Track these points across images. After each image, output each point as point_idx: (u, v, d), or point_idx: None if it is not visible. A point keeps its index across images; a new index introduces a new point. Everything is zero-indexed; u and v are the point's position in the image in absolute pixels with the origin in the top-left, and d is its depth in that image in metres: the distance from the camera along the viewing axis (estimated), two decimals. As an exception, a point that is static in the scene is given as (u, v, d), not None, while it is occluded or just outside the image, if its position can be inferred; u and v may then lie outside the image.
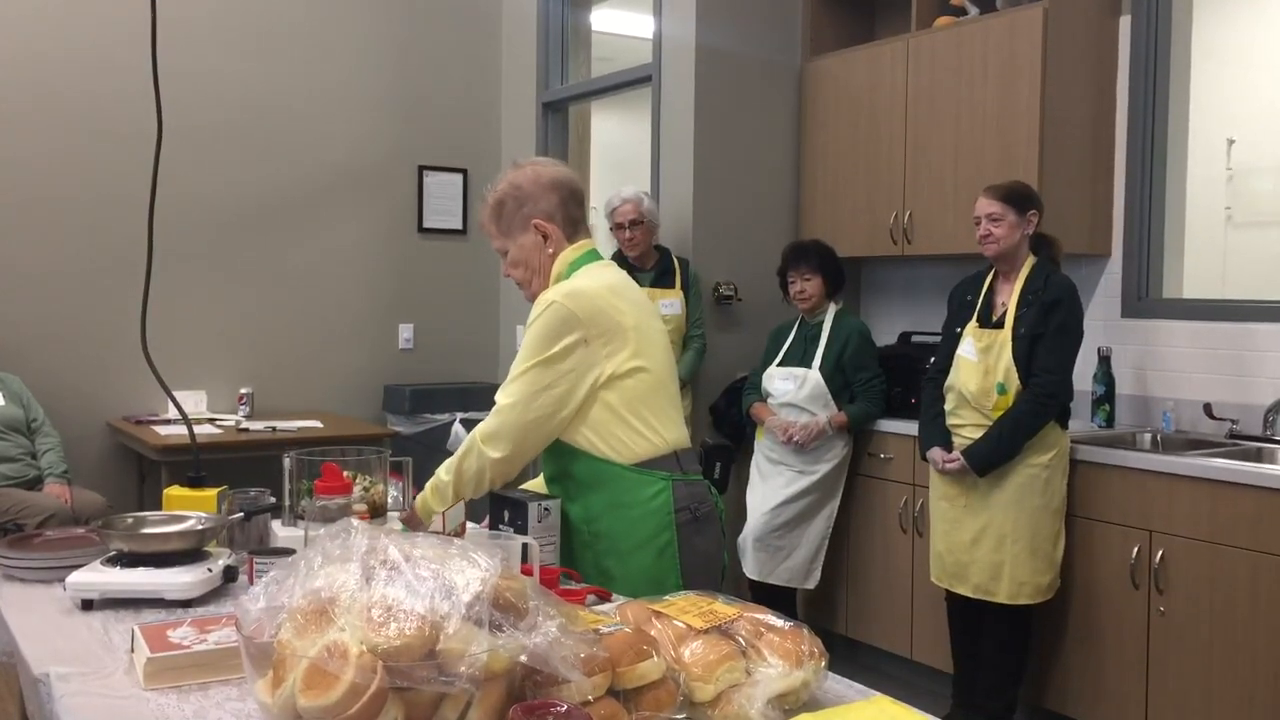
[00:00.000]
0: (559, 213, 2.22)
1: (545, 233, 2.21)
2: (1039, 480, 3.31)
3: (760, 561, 4.07)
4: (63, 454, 4.41)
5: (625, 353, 2.12)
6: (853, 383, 4.04)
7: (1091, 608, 3.41)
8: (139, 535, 1.96)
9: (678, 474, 2.17)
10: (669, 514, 2.13)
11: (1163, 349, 3.84)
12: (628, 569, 2.12)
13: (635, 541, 2.13)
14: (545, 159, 2.36)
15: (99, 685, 1.50)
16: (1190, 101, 3.95)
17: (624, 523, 2.13)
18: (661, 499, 2.13)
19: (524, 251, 2.23)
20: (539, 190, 2.22)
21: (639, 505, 2.13)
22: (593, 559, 2.16)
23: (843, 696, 1.46)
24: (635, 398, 2.13)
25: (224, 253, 5.08)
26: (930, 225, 4.21)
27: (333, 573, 1.26)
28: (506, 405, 2.12)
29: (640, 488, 2.13)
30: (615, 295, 2.16)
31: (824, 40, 4.75)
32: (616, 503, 2.13)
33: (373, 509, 2.20)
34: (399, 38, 5.48)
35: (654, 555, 2.13)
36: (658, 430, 2.16)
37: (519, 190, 2.23)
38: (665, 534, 2.13)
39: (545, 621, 1.24)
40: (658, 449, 2.16)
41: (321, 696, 1.15)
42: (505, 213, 2.24)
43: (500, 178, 2.28)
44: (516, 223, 2.23)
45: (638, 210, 4.25)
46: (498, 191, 2.26)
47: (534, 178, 2.24)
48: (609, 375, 2.11)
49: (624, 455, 2.13)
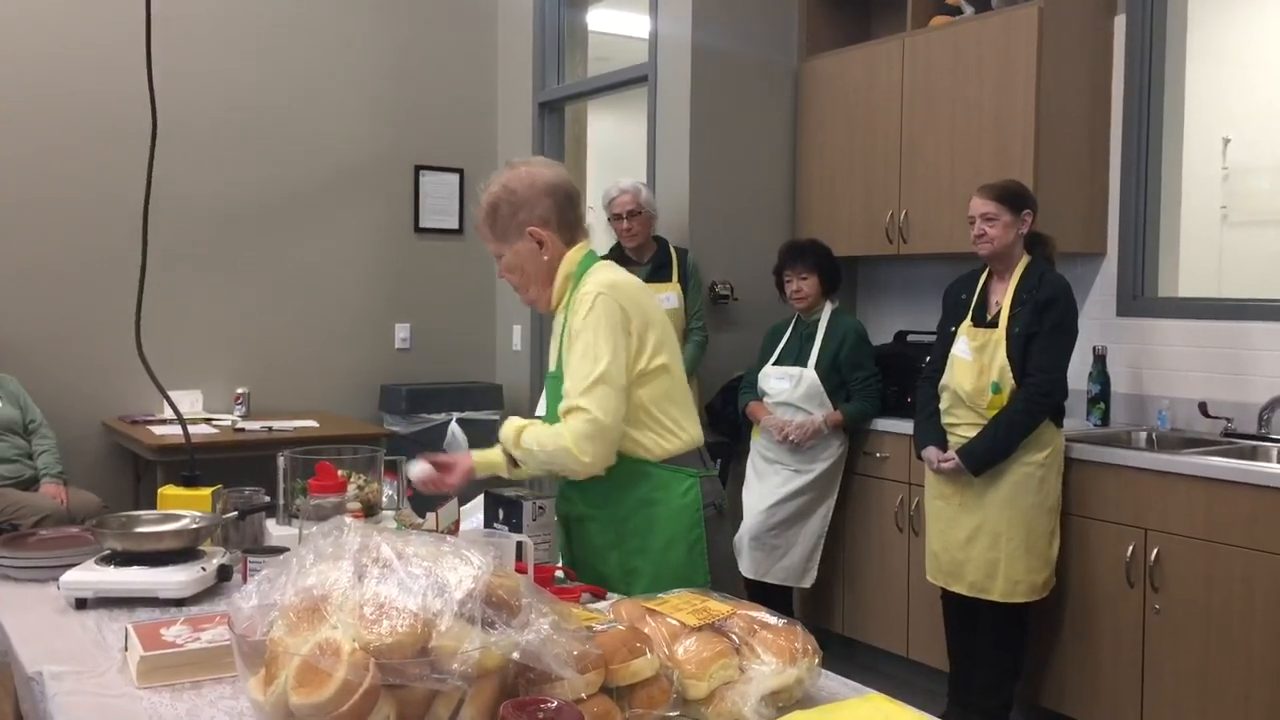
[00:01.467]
0: (554, 218, 2.17)
1: (540, 240, 2.16)
2: (1034, 479, 3.31)
3: (756, 560, 4.07)
4: (59, 455, 4.41)
5: (652, 348, 2.11)
6: (849, 381, 4.04)
7: (1087, 606, 3.41)
8: (133, 534, 1.97)
9: (703, 470, 2.18)
10: (698, 510, 2.14)
11: (1158, 348, 3.84)
12: (658, 567, 2.11)
13: (667, 538, 2.13)
14: (540, 159, 2.29)
15: (93, 684, 1.50)
16: (1185, 100, 3.95)
17: (656, 520, 2.12)
18: (692, 495, 2.14)
19: (519, 258, 2.18)
20: (534, 195, 2.16)
21: (672, 502, 2.13)
22: (619, 560, 2.14)
23: (836, 694, 1.46)
24: (662, 394, 2.13)
25: (220, 252, 5.07)
26: (926, 224, 4.21)
27: (325, 570, 1.26)
28: (597, 407, 2.01)
29: (672, 484, 2.13)
30: (642, 292, 2.16)
31: (820, 40, 4.75)
32: (648, 500, 2.13)
33: (367, 508, 2.20)
34: (396, 38, 5.48)
35: (685, 551, 2.13)
36: (684, 426, 2.17)
37: (513, 195, 2.16)
38: (696, 530, 2.13)
39: (538, 619, 1.24)
40: (685, 445, 2.17)
41: (314, 694, 1.15)
42: (500, 218, 2.17)
43: (493, 178, 2.21)
44: (512, 229, 2.17)
45: (636, 201, 4.25)
46: (491, 195, 2.19)
47: (528, 181, 2.17)
48: (639, 371, 2.10)
49: (656, 452, 2.13)
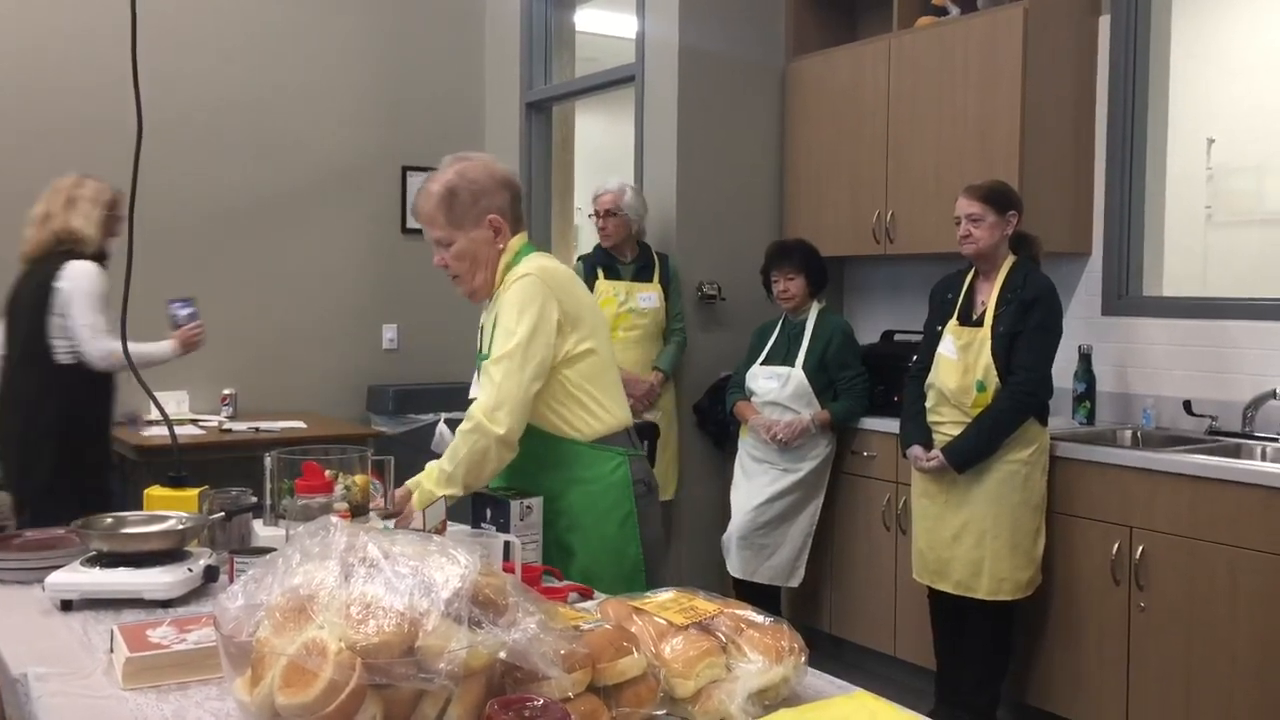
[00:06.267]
0: (509, 210, 2.26)
1: (498, 228, 2.24)
2: (1018, 476, 3.33)
3: (744, 560, 4.08)
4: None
5: (580, 333, 2.21)
6: (836, 381, 4.05)
7: (1073, 604, 3.43)
8: (118, 535, 1.96)
9: (631, 449, 2.28)
10: (628, 486, 2.24)
11: (1143, 346, 3.86)
12: (590, 541, 2.21)
13: (597, 514, 2.22)
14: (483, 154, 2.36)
15: (78, 685, 1.49)
16: (1170, 100, 3.97)
17: (587, 497, 2.22)
18: (621, 472, 2.24)
19: (474, 245, 2.24)
20: (493, 185, 2.24)
21: (601, 479, 2.23)
22: (553, 537, 2.21)
23: (823, 692, 1.46)
24: (587, 377, 2.22)
25: (207, 253, 5.05)
26: (912, 224, 4.22)
27: (311, 570, 1.26)
28: (503, 378, 2.10)
29: (601, 463, 2.23)
30: (572, 280, 2.27)
31: (806, 40, 4.76)
32: (577, 479, 2.22)
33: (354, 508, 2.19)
34: (383, 38, 5.47)
35: (616, 526, 2.23)
36: (609, 409, 2.26)
37: (473, 184, 2.22)
38: (626, 505, 2.24)
39: (525, 618, 1.24)
40: (611, 426, 2.26)
41: (300, 694, 1.15)
42: (458, 204, 2.22)
43: (443, 168, 2.26)
44: (470, 216, 2.22)
45: (615, 202, 4.27)
46: (446, 182, 2.23)
47: (487, 172, 2.25)
48: (565, 353, 2.19)
49: (584, 432, 2.23)
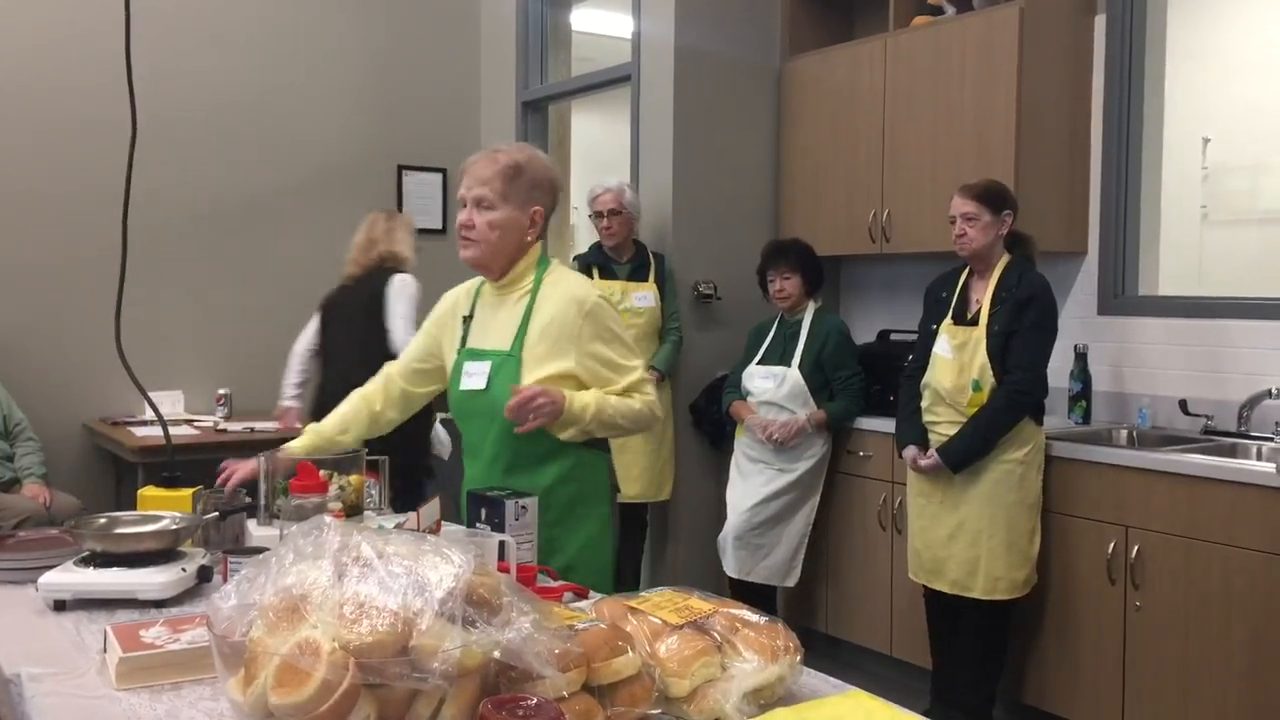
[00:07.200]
0: (549, 213, 2.35)
1: (535, 223, 2.30)
2: (1014, 476, 3.33)
3: (740, 560, 4.08)
4: (42, 458, 4.38)
5: None
6: (832, 380, 4.05)
7: (1068, 603, 3.43)
8: (112, 535, 1.95)
9: (603, 451, 2.40)
10: (606, 486, 2.39)
11: (1139, 346, 3.86)
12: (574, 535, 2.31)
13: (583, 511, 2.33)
14: None
15: (71, 685, 1.49)
16: (1165, 100, 3.97)
17: (575, 495, 2.32)
18: (603, 472, 2.39)
19: (512, 223, 2.27)
20: (551, 187, 2.33)
21: (588, 478, 2.34)
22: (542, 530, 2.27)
23: (819, 691, 1.46)
24: None
25: (202, 252, 5.05)
26: (908, 223, 4.22)
27: (305, 570, 1.25)
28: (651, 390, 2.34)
29: (590, 462, 2.35)
30: None
31: (803, 40, 4.76)
32: (569, 477, 2.31)
33: (349, 508, 2.19)
34: (378, 37, 5.46)
35: (598, 523, 2.34)
36: None
37: (539, 173, 2.29)
38: (605, 505, 2.38)
39: (519, 617, 1.23)
40: None
41: (293, 694, 1.14)
42: (520, 182, 2.26)
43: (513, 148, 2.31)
44: (523, 198, 2.27)
45: (618, 200, 4.26)
46: (520, 157, 2.27)
47: (551, 173, 2.33)
48: None
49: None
